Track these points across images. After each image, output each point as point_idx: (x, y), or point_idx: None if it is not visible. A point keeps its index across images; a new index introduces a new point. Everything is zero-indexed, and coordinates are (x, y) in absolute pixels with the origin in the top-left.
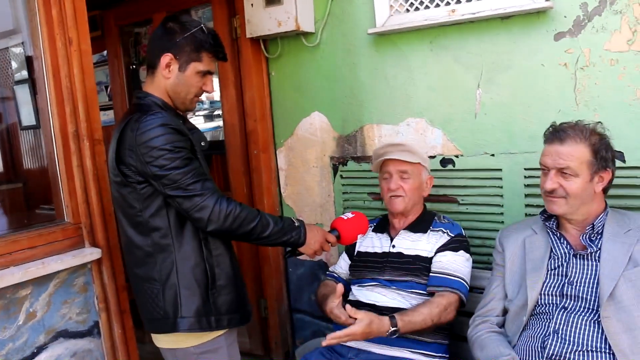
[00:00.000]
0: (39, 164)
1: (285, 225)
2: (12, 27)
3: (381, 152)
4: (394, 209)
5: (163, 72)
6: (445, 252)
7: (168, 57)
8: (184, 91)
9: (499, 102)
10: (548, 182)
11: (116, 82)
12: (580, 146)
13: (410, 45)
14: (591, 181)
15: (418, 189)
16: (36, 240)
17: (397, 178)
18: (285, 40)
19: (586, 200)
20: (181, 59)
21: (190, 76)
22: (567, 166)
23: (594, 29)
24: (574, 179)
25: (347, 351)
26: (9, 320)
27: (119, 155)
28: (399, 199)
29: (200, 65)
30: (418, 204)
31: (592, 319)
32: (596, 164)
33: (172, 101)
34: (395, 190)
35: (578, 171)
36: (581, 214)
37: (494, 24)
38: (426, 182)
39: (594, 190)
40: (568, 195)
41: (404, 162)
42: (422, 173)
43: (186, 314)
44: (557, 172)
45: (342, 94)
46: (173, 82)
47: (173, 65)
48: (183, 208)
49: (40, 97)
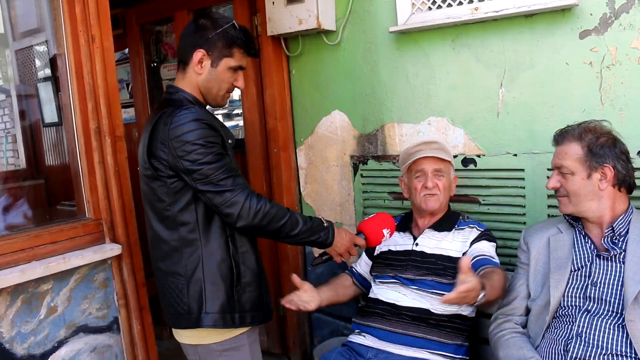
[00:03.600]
0: (60, 161)
1: (314, 225)
2: (37, 26)
3: (414, 150)
4: (429, 207)
5: (195, 67)
6: (482, 241)
7: (200, 53)
8: (216, 87)
9: (522, 102)
10: (549, 181)
11: (137, 79)
12: (573, 144)
13: (432, 44)
14: (589, 178)
15: (449, 188)
16: (58, 236)
17: (432, 176)
18: (306, 38)
19: (590, 197)
20: (213, 55)
21: (222, 72)
22: (561, 164)
23: (621, 27)
24: (571, 177)
25: (366, 351)
26: (31, 314)
27: (150, 149)
28: (434, 197)
29: (232, 61)
30: (447, 203)
31: (616, 323)
32: (589, 160)
33: (203, 97)
34: (431, 189)
35: (573, 169)
36: (591, 212)
37: (517, 22)
38: (453, 181)
39: (598, 187)
40: (569, 194)
41: (439, 160)
42: (450, 171)
43: (210, 310)
44: (558, 172)
45: (363, 93)
46: (205, 77)
47: (205, 61)
48: (213, 203)
49: (63, 94)
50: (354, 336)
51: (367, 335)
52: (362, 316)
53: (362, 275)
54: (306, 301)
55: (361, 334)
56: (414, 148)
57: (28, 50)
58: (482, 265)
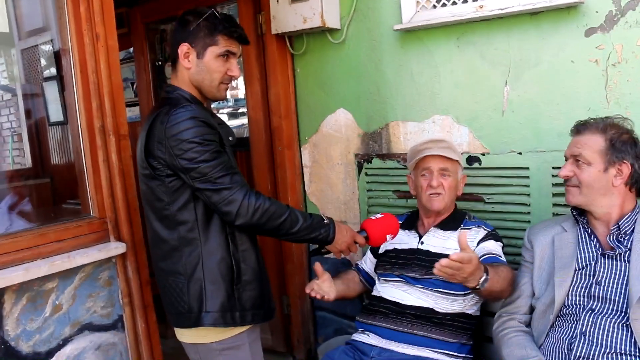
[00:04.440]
0: (65, 160)
1: (315, 222)
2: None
3: (421, 148)
4: (433, 207)
5: (183, 62)
6: (489, 241)
7: (185, 47)
8: (207, 78)
9: (527, 100)
10: (562, 169)
11: (142, 78)
12: (596, 136)
13: (437, 42)
14: (605, 172)
15: (455, 188)
16: (62, 234)
17: (438, 175)
18: (310, 36)
19: (602, 191)
20: (197, 46)
21: (210, 61)
22: (579, 153)
23: (627, 24)
24: (586, 168)
25: (370, 350)
26: (36, 312)
27: (147, 148)
28: (439, 197)
29: (217, 49)
30: (453, 202)
31: (620, 322)
32: (610, 154)
33: (200, 92)
34: (436, 188)
35: (590, 159)
36: (600, 207)
37: (522, 19)
38: (460, 180)
39: (612, 183)
40: (581, 184)
41: (446, 159)
42: (458, 171)
43: (211, 309)
44: (572, 161)
45: (367, 91)
46: (194, 70)
47: (191, 54)
48: (212, 201)
49: (67, 92)
50: (357, 335)
51: (371, 334)
52: (366, 315)
53: (368, 273)
54: (326, 291)
55: (365, 333)
56: (422, 145)
57: (33, 49)
58: (490, 263)
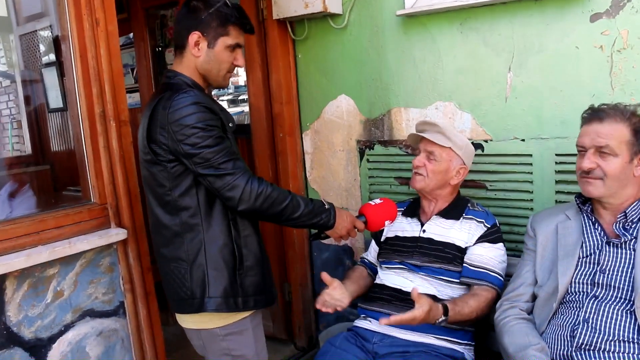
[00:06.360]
0: (66, 146)
1: (316, 208)
2: (41, 10)
3: (419, 128)
4: (412, 185)
5: (192, 50)
6: (484, 244)
7: (196, 35)
8: (216, 68)
9: (530, 86)
10: (585, 161)
11: (142, 64)
12: (620, 125)
13: (440, 27)
14: (630, 162)
15: (443, 173)
16: (63, 220)
17: (423, 156)
18: (312, 22)
19: (625, 182)
20: (209, 36)
21: (220, 52)
22: (606, 144)
23: (634, 9)
24: (612, 159)
25: (372, 336)
26: (38, 298)
27: (150, 134)
28: (419, 177)
29: (229, 39)
30: (442, 188)
31: (625, 309)
32: (637, 144)
33: (204, 79)
34: (417, 168)
35: (617, 150)
36: (618, 198)
37: (526, 5)
38: (458, 170)
39: (633, 173)
40: (606, 176)
41: (433, 143)
42: (452, 159)
43: (213, 294)
44: (595, 152)
45: (370, 77)
46: (203, 59)
47: (202, 42)
48: (214, 187)
49: (67, 78)
50: (359, 321)
51: (373, 320)
52: (368, 301)
53: (373, 264)
54: (338, 299)
55: (367, 319)
56: (420, 125)
57: (32, 35)
58: (475, 279)
